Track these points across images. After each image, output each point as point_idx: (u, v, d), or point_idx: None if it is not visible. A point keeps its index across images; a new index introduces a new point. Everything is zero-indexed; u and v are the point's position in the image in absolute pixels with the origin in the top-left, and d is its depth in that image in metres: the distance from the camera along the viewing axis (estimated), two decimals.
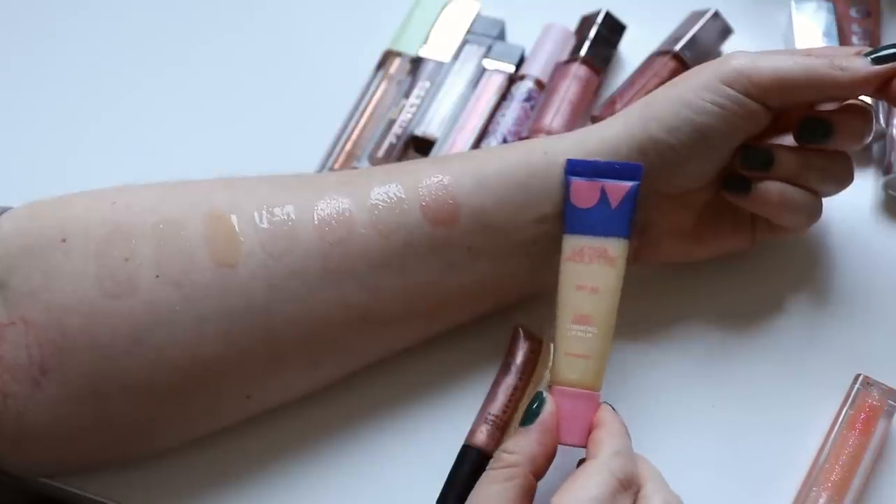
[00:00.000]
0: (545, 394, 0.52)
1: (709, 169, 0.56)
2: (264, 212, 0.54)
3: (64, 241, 0.53)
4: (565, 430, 0.52)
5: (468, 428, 0.57)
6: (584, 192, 0.54)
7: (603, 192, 0.54)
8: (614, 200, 0.54)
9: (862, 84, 0.54)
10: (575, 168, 0.54)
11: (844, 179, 0.57)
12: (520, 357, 0.58)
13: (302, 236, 0.54)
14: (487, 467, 0.51)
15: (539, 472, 0.51)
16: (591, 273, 0.53)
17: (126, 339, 0.52)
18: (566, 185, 0.54)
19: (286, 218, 0.54)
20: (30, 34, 0.73)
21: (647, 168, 0.55)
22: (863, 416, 0.55)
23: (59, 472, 0.56)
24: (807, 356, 0.59)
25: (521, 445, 0.50)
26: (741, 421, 0.57)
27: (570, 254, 0.53)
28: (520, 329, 0.59)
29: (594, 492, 0.48)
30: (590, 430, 0.52)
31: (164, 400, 0.53)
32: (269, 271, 0.53)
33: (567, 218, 0.54)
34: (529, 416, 0.51)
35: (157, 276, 0.52)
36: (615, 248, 0.53)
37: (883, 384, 0.56)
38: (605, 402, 0.52)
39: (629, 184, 0.54)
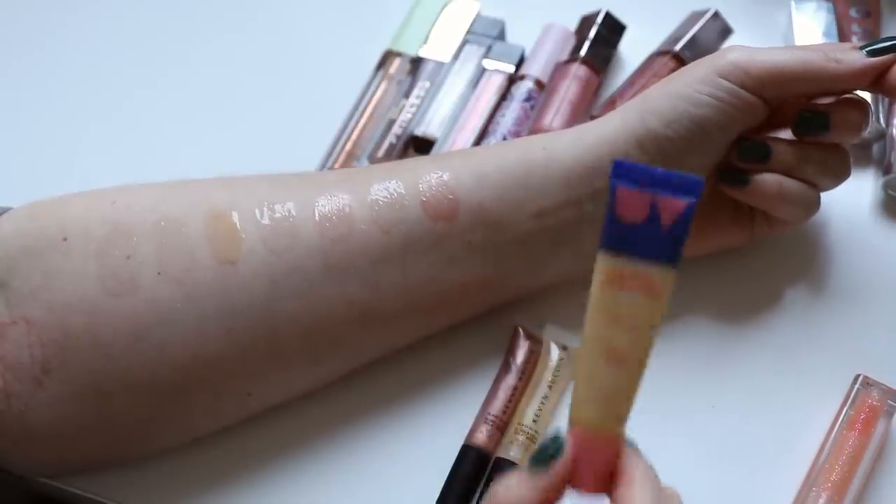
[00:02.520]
0: (563, 437, 0.45)
1: (707, 162, 0.56)
2: (265, 209, 0.54)
3: (64, 240, 0.53)
4: (581, 476, 0.44)
5: (468, 428, 0.57)
6: (632, 204, 0.42)
7: (654, 206, 0.42)
8: (667, 219, 0.42)
9: (857, 76, 0.54)
10: (622, 171, 0.42)
11: (842, 173, 0.58)
12: (520, 357, 0.58)
13: (303, 233, 0.54)
14: None
15: None
16: (631, 305, 0.43)
17: (128, 337, 0.52)
18: (611, 191, 0.42)
19: (287, 214, 0.54)
20: (30, 34, 0.73)
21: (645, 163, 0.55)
22: (863, 416, 0.55)
23: (61, 471, 0.56)
24: (807, 356, 0.59)
25: (525, 492, 0.44)
26: (741, 421, 0.57)
27: (606, 277, 0.43)
28: (520, 329, 0.59)
29: None
30: (608, 474, 0.44)
31: (165, 398, 0.53)
32: (270, 268, 0.53)
33: (607, 230, 0.42)
34: (542, 459, 0.44)
35: (159, 274, 0.52)
36: (662, 278, 0.42)
37: (883, 384, 0.56)
38: (631, 446, 0.45)
39: (685, 200, 0.42)
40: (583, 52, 0.66)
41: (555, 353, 0.58)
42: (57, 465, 0.55)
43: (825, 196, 0.58)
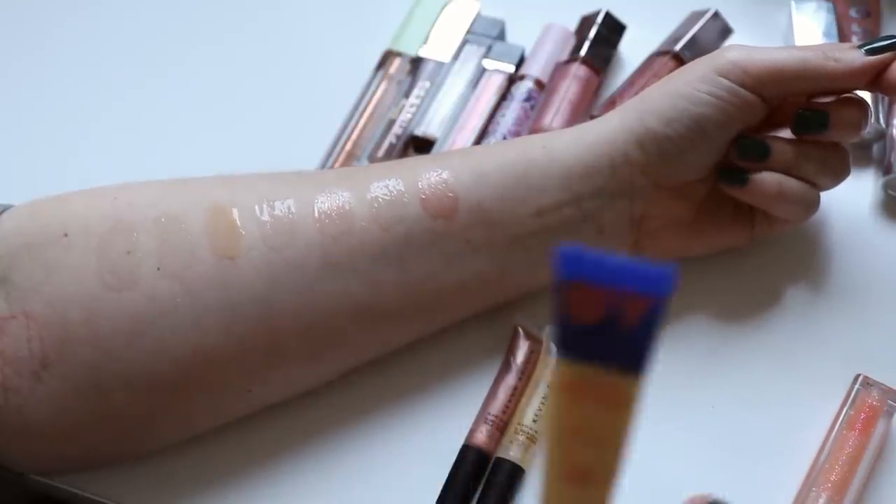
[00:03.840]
0: None
1: (706, 160, 0.56)
2: (265, 205, 0.54)
3: (65, 236, 0.53)
4: None
5: (468, 428, 0.57)
6: (587, 301, 0.34)
7: (616, 305, 0.35)
8: (632, 320, 0.35)
9: (856, 75, 0.54)
10: (573, 262, 0.34)
11: (841, 172, 0.58)
12: (520, 357, 0.58)
13: (302, 230, 0.54)
14: None
15: None
16: (592, 417, 0.36)
17: (127, 331, 0.52)
18: (559, 286, 0.34)
19: (287, 211, 0.54)
20: (31, 33, 0.73)
21: (645, 162, 0.55)
22: (863, 416, 0.55)
23: (60, 468, 0.56)
24: (807, 356, 0.59)
25: None
26: (741, 421, 0.57)
27: (561, 386, 0.36)
28: (520, 329, 0.59)
29: None
30: None
31: (165, 393, 0.53)
32: (270, 264, 0.53)
33: (559, 333, 0.35)
34: None
35: (159, 270, 0.52)
36: (625, 387, 0.36)
37: (883, 384, 0.56)
38: None
39: (654, 297, 0.34)
40: (583, 52, 0.66)
41: (555, 352, 0.58)
42: (56, 461, 0.55)
43: (825, 196, 0.58)
